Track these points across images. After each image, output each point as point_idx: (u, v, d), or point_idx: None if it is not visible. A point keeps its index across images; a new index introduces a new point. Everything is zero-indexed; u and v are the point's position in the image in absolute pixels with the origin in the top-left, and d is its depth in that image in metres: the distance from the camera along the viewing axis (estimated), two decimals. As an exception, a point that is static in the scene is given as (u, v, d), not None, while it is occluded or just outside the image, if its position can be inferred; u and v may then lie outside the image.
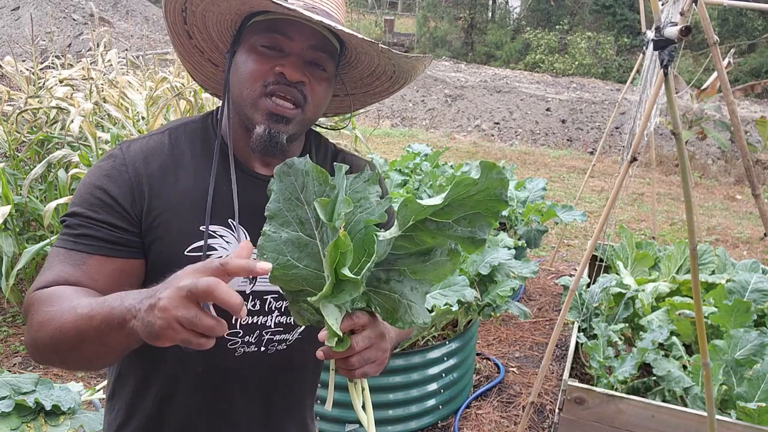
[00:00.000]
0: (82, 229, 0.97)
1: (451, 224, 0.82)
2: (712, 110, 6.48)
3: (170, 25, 1.07)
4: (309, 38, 1.00)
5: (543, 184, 4.69)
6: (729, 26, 17.29)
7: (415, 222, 0.81)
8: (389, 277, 0.88)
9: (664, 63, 1.90)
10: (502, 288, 2.95)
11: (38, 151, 4.01)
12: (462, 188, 0.77)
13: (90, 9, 13.26)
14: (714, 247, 3.70)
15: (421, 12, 21.77)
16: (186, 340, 0.73)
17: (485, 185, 0.77)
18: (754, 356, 2.51)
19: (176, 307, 0.72)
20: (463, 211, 0.81)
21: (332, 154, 1.22)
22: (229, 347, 1.06)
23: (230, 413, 1.10)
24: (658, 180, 8.26)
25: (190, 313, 0.72)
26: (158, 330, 0.73)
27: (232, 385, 1.08)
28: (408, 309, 0.87)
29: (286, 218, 0.84)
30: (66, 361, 0.90)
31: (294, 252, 0.84)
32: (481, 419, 2.98)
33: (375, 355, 0.90)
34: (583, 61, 16.74)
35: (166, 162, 1.03)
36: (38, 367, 3.17)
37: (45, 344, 0.87)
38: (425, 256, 0.87)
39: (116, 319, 0.78)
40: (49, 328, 0.85)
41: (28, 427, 1.80)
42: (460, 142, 10.65)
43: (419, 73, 1.13)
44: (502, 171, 0.77)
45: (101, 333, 0.80)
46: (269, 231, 0.83)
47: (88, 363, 0.90)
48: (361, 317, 0.88)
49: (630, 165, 2.22)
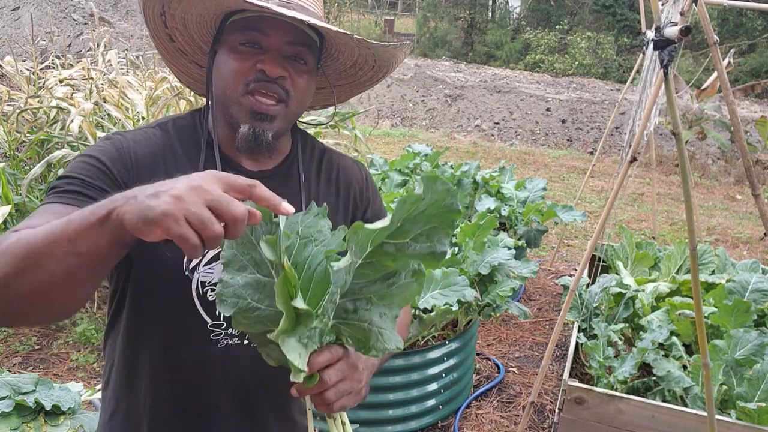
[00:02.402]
0: (70, 187, 0.93)
1: (409, 243, 0.81)
2: (712, 110, 6.49)
3: (152, 29, 1.08)
4: (286, 33, 1.01)
5: (543, 184, 4.69)
6: (729, 26, 17.28)
7: (373, 248, 0.81)
8: (357, 307, 0.87)
9: (664, 63, 1.90)
10: (502, 288, 2.95)
11: (38, 151, 4.01)
12: (409, 206, 0.76)
13: (90, 9, 13.25)
14: (714, 247, 3.70)
15: (421, 12, 21.76)
16: (183, 236, 0.66)
17: (432, 199, 0.76)
18: (754, 356, 2.51)
19: (192, 203, 0.67)
20: (418, 228, 0.80)
21: (319, 153, 1.22)
22: (212, 338, 1.06)
23: (212, 406, 1.09)
24: (658, 180, 8.26)
25: (204, 214, 0.67)
26: (159, 214, 0.66)
27: (214, 377, 1.08)
28: (379, 336, 0.87)
29: (241, 263, 0.83)
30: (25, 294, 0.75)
31: (254, 294, 0.83)
32: (481, 419, 2.98)
33: (350, 387, 0.89)
34: (583, 61, 16.73)
35: (156, 152, 1.04)
36: (38, 367, 3.17)
37: (4, 268, 0.75)
38: (390, 280, 0.86)
39: (101, 212, 0.72)
40: (15, 248, 0.75)
41: (28, 427, 1.80)
42: (460, 142, 10.64)
43: (400, 62, 1.14)
44: (446, 182, 0.76)
45: (77, 236, 0.73)
46: (226, 278, 0.82)
47: (51, 291, 0.76)
48: (333, 351, 0.86)
49: (630, 165, 2.22)
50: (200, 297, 1.04)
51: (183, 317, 1.04)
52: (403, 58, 1.14)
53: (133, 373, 1.08)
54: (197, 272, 1.03)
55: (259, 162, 1.11)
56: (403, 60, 1.14)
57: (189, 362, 1.06)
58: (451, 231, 0.81)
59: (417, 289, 0.87)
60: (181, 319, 1.05)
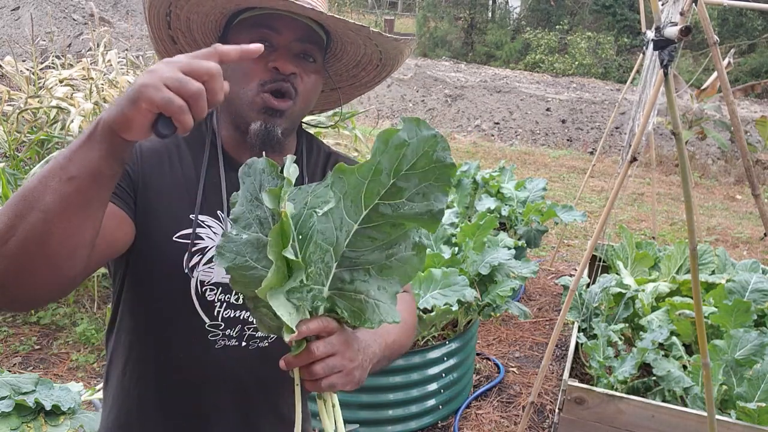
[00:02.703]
0: None
1: (405, 202, 0.79)
2: (712, 110, 6.49)
3: (154, 31, 1.08)
4: (296, 30, 1.01)
5: (543, 184, 4.69)
6: (729, 26, 17.27)
7: (368, 211, 0.80)
8: (353, 278, 0.84)
9: (664, 63, 1.90)
10: (502, 288, 2.95)
11: (38, 151, 4.01)
12: (393, 149, 0.75)
13: (90, 9, 13.24)
14: (714, 247, 3.70)
15: (421, 12, 21.75)
16: (167, 100, 0.67)
17: (420, 146, 0.75)
18: (754, 356, 2.51)
19: (166, 71, 0.69)
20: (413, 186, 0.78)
21: (325, 155, 1.23)
22: (209, 339, 1.06)
23: (209, 406, 1.09)
24: (658, 180, 8.25)
25: (179, 75, 0.68)
26: (137, 88, 0.68)
27: (212, 378, 1.08)
28: (375, 308, 0.84)
29: (247, 220, 0.83)
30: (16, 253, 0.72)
31: (253, 253, 0.82)
32: (481, 419, 2.98)
33: (340, 364, 0.84)
34: (583, 61, 16.72)
35: (161, 149, 1.05)
36: (38, 367, 3.17)
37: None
38: (389, 251, 0.84)
39: (86, 132, 0.73)
40: (11, 200, 0.74)
41: (28, 427, 1.80)
42: (460, 142, 10.64)
43: (405, 57, 1.14)
44: (429, 126, 0.74)
45: (67, 161, 0.72)
46: (231, 233, 0.82)
47: (47, 238, 0.73)
48: (324, 320, 0.83)
49: (630, 165, 2.22)
50: (199, 296, 1.04)
51: (182, 317, 1.04)
52: (409, 54, 1.14)
53: (132, 372, 1.08)
54: (197, 271, 1.03)
55: None
56: (408, 56, 1.14)
57: (187, 362, 1.06)
58: (448, 188, 0.79)
59: (418, 264, 0.85)
60: (179, 319, 1.05)
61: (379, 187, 0.78)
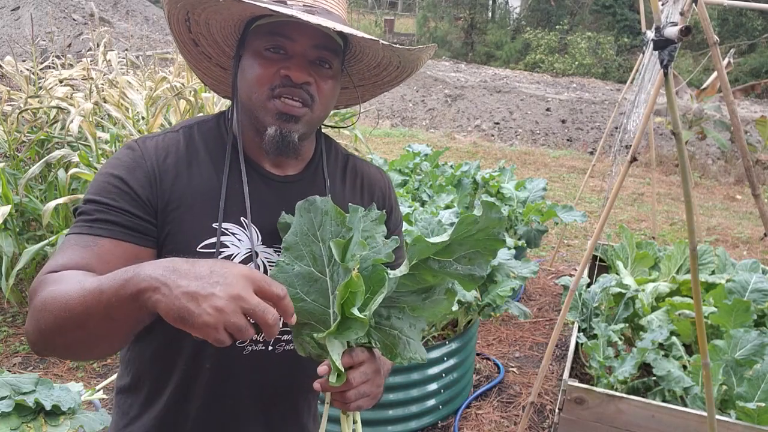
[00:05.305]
0: (97, 215, 0.96)
1: (452, 262, 0.86)
2: (712, 110, 6.47)
3: (176, 35, 1.08)
4: (311, 38, 1.01)
5: (543, 184, 4.69)
6: (729, 26, 17.28)
7: (418, 261, 0.85)
8: (390, 314, 0.91)
9: (664, 63, 1.90)
10: (502, 288, 2.95)
11: (38, 151, 4.01)
12: (464, 226, 0.81)
13: (90, 9, 13.24)
14: (714, 247, 3.69)
15: (421, 12, 21.77)
16: (220, 341, 0.74)
17: (485, 224, 0.82)
18: (754, 356, 2.51)
19: (233, 313, 0.73)
20: (463, 249, 0.85)
21: (343, 158, 1.23)
22: (237, 345, 1.06)
23: (234, 411, 1.10)
24: (658, 180, 8.26)
25: (241, 323, 0.73)
26: (201, 324, 0.72)
27: (239, 383, 1.08)
28: (407, 345, 0.91)
29: (300, 252, 0.88)
30: (69, 345, 0.85)
31: (304, 286, 0.87)
32: (481, 419, 2.98)
33: (370, 390, 0.93)
34: (583, 61, 16.73)
35: (180, 159, 1.04)
36: (38, 367, 3.17)
37: (48, 325, 0.83)
38: (425, 294, 0.91)
39: (131, 289, 0.75)
40: (53, 306, 0.82)
41: (28, 427, 1.79)
42: (460, 142, 10.64)
43: (425, 62, 1.15)
44: (500, 211, 0.82)
45: (111, 306, 0.77)
46: (283, 262, 0.87)
47: (93, 345, 0.85)
48: (360, 354, 0.91)
49: (629, 165, 2.22)
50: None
51: None
52: (428, 59, 1.14)
53: (162, 380, 1.08)
54: None
55: (283, 166, 1.11)
56: (427, 60, 1.15)
57: (216, 368, 1.06)
58: (491, 258, 0.87)
59: (447, 307, 0.92)
60: None
61: (441, 245, 0.84)
